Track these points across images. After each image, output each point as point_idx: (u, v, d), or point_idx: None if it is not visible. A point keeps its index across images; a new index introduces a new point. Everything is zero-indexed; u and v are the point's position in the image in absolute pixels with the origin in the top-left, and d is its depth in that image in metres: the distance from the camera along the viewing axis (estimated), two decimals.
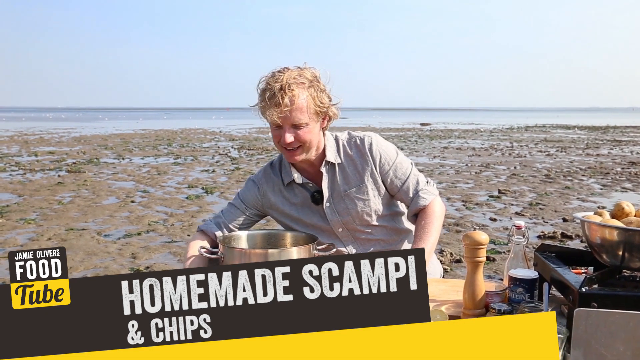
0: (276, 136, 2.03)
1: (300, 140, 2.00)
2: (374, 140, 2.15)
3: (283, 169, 2.20)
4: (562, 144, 24.27)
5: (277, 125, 2.00)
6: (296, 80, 1.95)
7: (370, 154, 2.12)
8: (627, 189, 11.42)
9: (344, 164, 2.13)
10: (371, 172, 2.12)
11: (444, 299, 1.81)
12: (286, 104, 1.92)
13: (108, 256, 6.34)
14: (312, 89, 1.98)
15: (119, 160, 17.09)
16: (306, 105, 1.96)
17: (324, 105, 2.01)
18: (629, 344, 1.35)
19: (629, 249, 1.51)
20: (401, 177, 2.14)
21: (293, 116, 1.95)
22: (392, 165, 2.13)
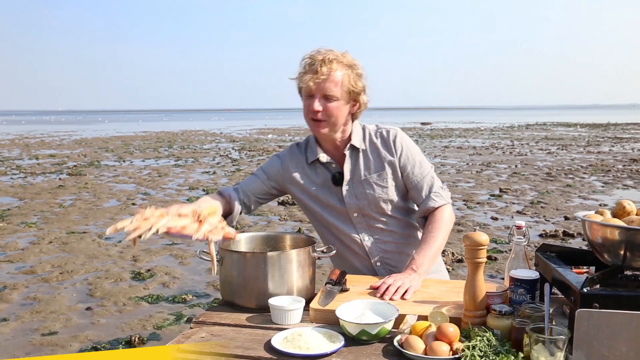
0: (307, 106, 2.08)
1: (328, 113, 2.05)
2: (399, 134, 2.21)
3: (309, 148, 2.24)
4: (563, 142, 24.23)
5: (309, 94, 2.06)
6: (337, 58, 2.04)
7: (394, 145, 2.17)
8: (628, 186, 11.39)
9: (368, 150, 2.19)
10: (391, 162, 2.16)
11: (444, 300, 1.79)
12: (323, 72, 2.00)
13: (109, 259, 6.33)
14: (349, 70, 2.06)
15: (119, 163, 17.09)
16: (340, 81, 2.03)
17: (357, 87, 2.08)
18: (631, 344, 1.34)
19: (631, 248, 1.49)
20: (418, 175, 2.17)
21: (326, 86, 2.02)
22: (413, 160, 2.18)
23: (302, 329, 1.59)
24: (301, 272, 1.87)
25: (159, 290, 5.31)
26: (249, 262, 1.84)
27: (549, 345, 1.36)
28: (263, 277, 1.82)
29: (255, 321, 1.74)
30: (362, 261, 2.21)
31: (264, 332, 1.66)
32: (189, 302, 4.96)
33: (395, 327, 1.60)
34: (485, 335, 1.47)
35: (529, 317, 1.51)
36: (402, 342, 1.49)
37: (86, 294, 5.21)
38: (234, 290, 1.86)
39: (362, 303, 1.70)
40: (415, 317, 1.61)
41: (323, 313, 1.72)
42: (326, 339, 1.54)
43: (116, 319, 4.58)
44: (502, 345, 1.45)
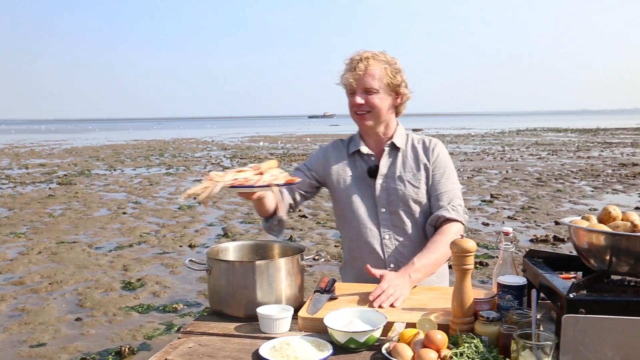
0: (350, 102, 2.19)
1: (370, 104, 2.15)
2: (440, 145, 2.32)
3: (352, 141, 2.34)
4: (553, 147, 24.38)
5: (351, 91, 2.17)
6: (375, 55, 2.17)
7: (433, 152, 2.27)
8: (617, 190, 11.47)
9: (407, 152, 2.28)
10: (427, 166, 2.25)
11: (433, 307, 1.79)
12: (361, 68, 2.13)
13: (99, 269, 6.29)
14: (388, 65, 2.17)
15: (110, 172, 17.02)
16: (379, 74, 2.14)
17: (396, 80, 2.17)
18: (617, 349, 1.34)
19: (616, 254, 1.50)
20: (443, 185, 2.23)
21: (365, 80, 2.13)
22: (443, 170, 2.26)
23: (290, 338, 1.58)
24: (290, 280, 1.86)
25: (150, 299, 5.27)
26: (237, 271, 1.83)
27: (536, 351, 1.36)
28: (251, 286, 1.81)
29: (244, 330, 1.73)
30: (376, 262, 2.21)
31: (252, 341, 1.65)
32: (179, 312, 4.93)
33: (384, 335, 1.60)
34: (473, 341, 1.47)
35: (516, 323, 1.51)
36: (390, 350, 1.49)
37: (76, 304, 5.17)
38: (222, 300, 1.85)
39: (351, 311, 1.70)
40: (404, 325, 1.61)
41: (311, 321, 1.71)
42: (314, 348, 1.53)
43: (106, 330, 4.54)
44: (490, 352, 1.45)
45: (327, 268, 6.14)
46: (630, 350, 1.34)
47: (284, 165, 18.00)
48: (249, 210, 9.76)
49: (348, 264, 2.34)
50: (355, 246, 2.26)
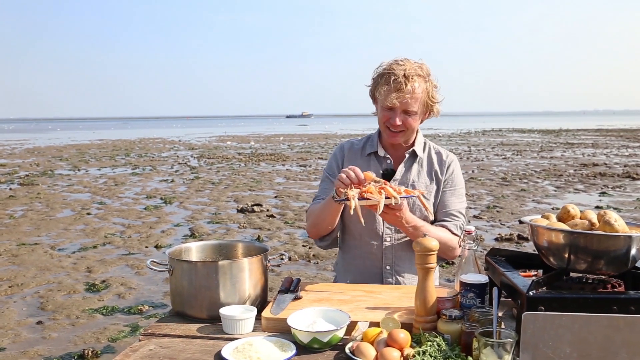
0: (385, 116, 2.17)
1: (406, 126, 2.17)
2: (455, 161, 2.35)
3: (369, 142, 2.35)
4: (518, 148, 24.85)
5: (390, 108, 2.14)
6: (417, 72, 2.13)
7: (447, 167, 2.30)
8: (579, 190, 11.75)
9: (424, 161, 2.31)
10: (439, 180, 2.28)
11: (397, 306, 1.80)
12: (408, 91, 2.09)
13: (62, 271, 6.14)
14: (428, 83, 2.17)
15: (74, 172, 16.65)
16: (421, 96, 2.14)
17: (434, 100, 2.20)
18: (575, 345, 1.36)
19: (575, 251, 1.53)
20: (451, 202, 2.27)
21: (409, 103, 2.12)
22: (453, 187, 2.30)
23: (253, 339, 1.56)
24: (254, 281, 1.84)
25: (114, 301, 5.17)
26: (199, 272, 1.80)
27: (497, 348, 1.38)
28: (214, 287, 1.78)
29: (206, 332, 1.71)
30: (373, 261, 2.25)
31: (215, 342, 1.62)
32: (145, 313, 4.85)
33: (347, 335, 1.60)
34: (436, 340, 1.48)
35: (478, 321, 1.53)
36: (354, 350, 1.48)
37: (37, 307, 5.03)
38: (185, 301, 1.82)
39: (314, 311, 1.69)
40: (367, 324, 1.61)
41: (275, 322, 1.70)
42: (277, 348, 1.52)
43: (69, 333, 4.44)
44: (452, 350, 1.46)
45: (294, 268, 6.12)
46: (587, 346, 1.36)
47: (253, 165, 17.91)
48: (216, 211, 9.67)
49: (345, 263, 2.34)
50: (356, 245, 2.28)
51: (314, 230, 2.25)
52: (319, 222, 2.19)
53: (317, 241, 2.31)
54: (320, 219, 2.18)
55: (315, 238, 2.29)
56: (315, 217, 2.21)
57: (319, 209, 2.20)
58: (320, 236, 2.26)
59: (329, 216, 2.14)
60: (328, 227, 2.20)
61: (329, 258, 6.44)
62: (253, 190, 12.11)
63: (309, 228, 2.27)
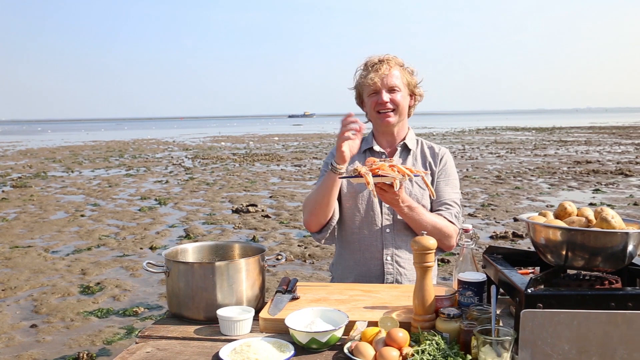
0: (373, 102, 2.28)
1: (395, 103, 2.26)
2: (448, 154, 2.43)
3: (364, 140, 2.40)
4: (512, 146, 24.92)
5: (375, 91, 2.26)
6: (391, 59, 2.28)
7: (441, 160, 2.37)
8: (573, 187, 11.79)
9: (417, 155, 2.38)
10: (433, 172, 2.35)
11: (395, 306, 1.79)
12: (385, 69, 2.24)
13: (56, 273, 6.11)
14: (403, 69, 2.31)
15: (68, 174, 16.58)
16: (400, 75, 2.27)
17: (413, 80, 2.32)
18: (573, 342, 1.36)
19: (572, 248, 1.53)
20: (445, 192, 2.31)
21: (390, 80, 2.24)
22: (447, 178, 2.35)
23: (251, 340, 1.56)
24: (251, 281, 1.83)
25: (109, 303, 5.15)
26: (196, 273, 1.79)
27: (495, 346, 1.38)
28: (211, 288, 1.77)
29: (204, 333, 1.70)
30: (373, 252, 2.27)
31: (212, 344, 1.61)
32: (140, 315, 4.83)
33: (346, 334, 1.59)
34: (434, 339, 1.48)
35: (476, 319, 1.53)
36: (352, 349, 1.48)
37: (31, 310, 5.00)
38: (182, 302, 1.81)
39: (312, 311, 1.68)
40: (366, 324, 1.61)
41: (273, 322, 1.69)
42: (275, 349, 1.51)
43: (63, 336, 4.41)
44: (451, 349, 1.46)
45: (290, 268, 6.11)
46: (586, 343, 1.36)
47: (247, 166, 17.88)
48: (211, 211, 9.65)
49: (344, 259, 2.34)
50: (355, 239, 2.30)
51: (313, 218, 2.23)
52: (317, 205, 2.18)
53: (315, 234, 2.30)
54: (319, 199, 2.17)
55: (314, 230, 2.27)
56: (313, 201, 2.21)
57: (316, 189, 2.21)
58: (320, 225, 2.25)
59: (327, 194, 2.14)
60: (327, 210, 2.19)
61: (324, 258, 6.43)
62: (248, 191, 12.08)
63: (307, 218, 2.26)
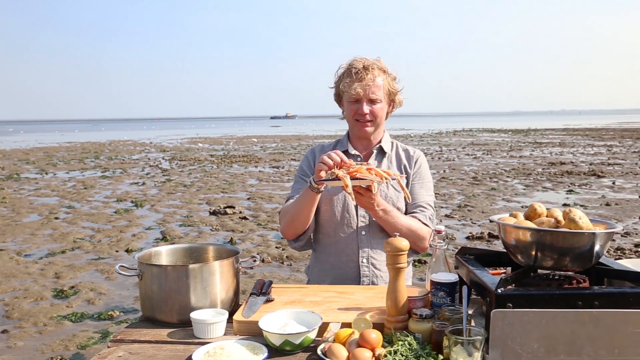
0: (353, 109, 2.28)
1: (374, 114, 2.27)
2: (422, 157, 2.45)
3: (339, 143, 2.44)
4: (488, 147, 25.21)
5: (356, 99, 2.26)
6: (376, 64, 2.27)
7: (415, 162, 2.40)
8: (547, 188, 11.98)
9: (392, 157, 2.40)
10: (408, 175, 2.37)
11: (369, 307, 1.80)
12: (369, 79, 2.23)
13: (28, 277, 6.00)
14: (386, 75, 2.30)
15: (41, 175, 16.31)
16: (382, 85, 2.27)
17: (395, 90, 2.33)
18: (542, 341, 1.39)
19: (541, 249, 1.55)
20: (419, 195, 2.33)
21: (372, 91, 2.24)
22: (421, 181, 2.38)
23: (224, 342, 1.55)
24: (225, 284, 1.83)
25: (84, 307, 5.08)
26: (169, 276, 1.78)
27: (467, 346, 1.39)
28: (185, 291, 1.76)
29: (177, 336, 1.69)
30: (349, 255, 2.27)
31: (186, 347, 1.61)
32: (116, 319, 4.77)
33: (320, 336, 1.59)
34: (407, 339, 1.49)
35: (448, 319, 1.55)
36: (326, 351, 1.48)
37: (2, 315, 4.90)
38: (155, 306, 1.80)
39: (286, 313, 1.68)
40: (339, 325, 1.61)
41: (246, 325, 1.69)
42: (249, 352, 1.51)
43: (36, 341, 4.34)
44: (423, 349, 1.47)
45: (268, 270, 6.10)
46: (554, 341, 1.39)
47: (225, 167, 17.79)
48: (188, 213, 9.58)
49: (320, 262, 2.35)
50: (331, 242, 2.30)
51: (290, 228, 2.25)
52: (296, 217, 2.20)
53: (292, 242, 2.31)
54: (297, 212, 2.19)
55: (291, 238, 2.29)
56: (291, 214, 2.22)
57: (294, 202, 2.22)
58: (297, 235, 2.27)
59: (305, 208, 2.16)
60: (304, 222, 2.21)
61: (302, 259, 6.43)
62: (225, 193, 12.02)
63: (284, 227, 2.27)
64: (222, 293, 1.82)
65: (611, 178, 13.38)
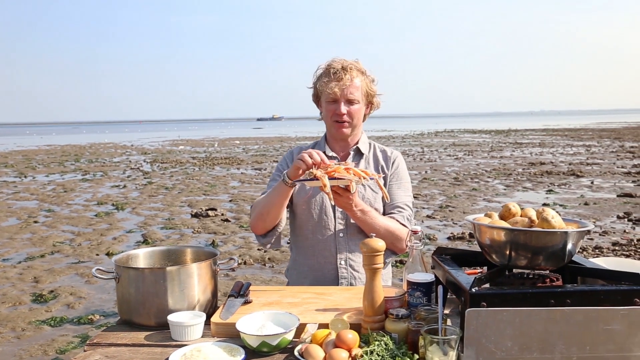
0: (331, 110, 2.28)
1: (351, 115, 2.28)
2: (400, 157, 2.47)
3: (317, 145, 2.44)
4: (469, 148, 25.43)
5: (333, 100, 2.26)
6: (354, 65, 2.29)
7: (392, 162, 2.41)
8: (527, 188, 12.12)
9: (370, 158, 2.41)
10: (385, 175, 2.38)
11: (346, 307, 1.81)
12: (347, 79, 2.23)
13: (7, 282, 5.92)
14: (365, 77, 2.31)
15: (20, 179, 16.08)
16: (360, 86, 2.28)
17: (373, 92, 2.35)
18: (515, 339, 1.41)
19: (515, 248, 1.57)
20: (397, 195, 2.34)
21: (350, 91, 2.24)
22: (399, 181, 2.39)
23: (201, 345, 1.55)
24: (202, 286, 1.83)
25: (63, 312, 5.02)
26: (147, 279, 1.77)
27: (442, 345, 1.41)
28: (162, 293, 1.76)
29: (154, 339, 1.68)
30: (327, 257, 2.28)
31: (163, 350, 1.60)
32: (96, 323, 4.73)
33: (297, 337, 1.60)
34: (383, 339, 1.50)
35: (424, 319, 1.56)
36: (303, 352, 1.49)
37: None
38: (132, 309, 1.79)
39: (264, 314, 1.69)
40: (316, 326, 1.62)
41: (224, 327, 1.69)
42: (226, 353, 1.51)
43: (14, 346, 4.28)
44: (399, 349, 1.48)
45: (250, 272, 6.09)
46: (527, 339, 1.41)
47: (207, 169, 17.70)
48: (169, 216, 9.52)
49: (299, 264, 2.35)
50: (309, 244, 2.30)
51: (260, 222, 2.23)
52: (265, 210, 2.19)
53: (260, 237, 2.29)
54: (268, 205, 2.18)
55: (260, 233, 2.27)
56: (262, 206, 2.21)
57: (266, 196, 2.22)
58: (266, 230, 2.25)
59: (277, 202, 2.15)
60: (274, 217, 2.20)
61: (284, 261, 6.43)
62: (207, 195, 11.97)
63: (254, 221, 2.26)
64: (200, 295, 1.82)
65: (590, 178, 13.58)
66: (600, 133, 37.63)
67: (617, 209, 9.39)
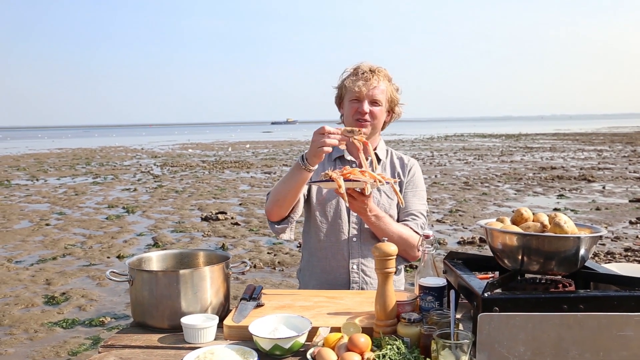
0: (354, 108, 2.29)
1: (373, 116, 2.29)
2: (417, 165, 2.49)
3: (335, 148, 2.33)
4: (479, 152, 25.33)
5: (357, 98, 2.28)
6: (382, 70, 2.33)
7: (409, 171, 2.43)
8: (538, 193, 12.05)
9: (387, 165, 2.43)
10: (402, 182, 2.40)
11: (358, 311, 1.82)
12: (375, 80, 2.27)
13: (19, 284, 5.97)
14: (390, 84, 2.35)
15: (32, 182, 16.23)
16: (385, 90, 2.31)
17: (396, 99, 2.37)
18: (528, 344, 1.41)
19: (527, 253, 1.57)
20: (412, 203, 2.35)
21: (375, 93, 2.27)
22: (415, 189, 2.40)
23: (214, 347, 1.56)
24: (215, 289, 1.84)
25: (75, 314, 5.06)
26: (160, 281, 1.79)
27: (454, 349, 1.41)
28: (175, 296, 1.77)
29: (168, 341, 1.70)
30: (339, 261, 2.29)
31: (176, 352, 1.62)
32: (107, 325, 4.76)
33: (309, 340, 1.61)
34: (395, 343, 1.51)
35: (436, 323, 1.56)
36: (315, 355, 1.50)
37: None
38: (146, 311, 1.81)
39: (276, 317, 1.70)
40: (329, 329, 1.63)
41: (237, 329, 1.70)
42: (239, 356, 1.52)
43: (26, 348, 4.32)
44: (411, 353, 1.49)
45: (260, 275, 6.10)
46: (540, 345, 1.41)
47: (217, 173, 17.77)
48: (179, 219, 9.56)
49: (311, 266, 2.36)
50: (322, 247, 2.31)
51: (275, 207, 2.20)
52: (281, 195, 2.16)
53: (273, 224, 2.27)
54: (284, 190, 2.14)
55: (274, 219, 2.25)
56: (278, 191, 2.17)
57: (282, 180, 2.18)
58: (281, 217, 2.23)
59: (294, 187, 2.11)
60: (290, 201, 2.17)
61: (294, 265, 6.44)
62: (217, 198, 12.01)
63: (270, 206, 2.23)
64: (213, 298, 1.83)
65: (601, 182, 13.48)
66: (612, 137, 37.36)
67: (629, 214, 9.32)
